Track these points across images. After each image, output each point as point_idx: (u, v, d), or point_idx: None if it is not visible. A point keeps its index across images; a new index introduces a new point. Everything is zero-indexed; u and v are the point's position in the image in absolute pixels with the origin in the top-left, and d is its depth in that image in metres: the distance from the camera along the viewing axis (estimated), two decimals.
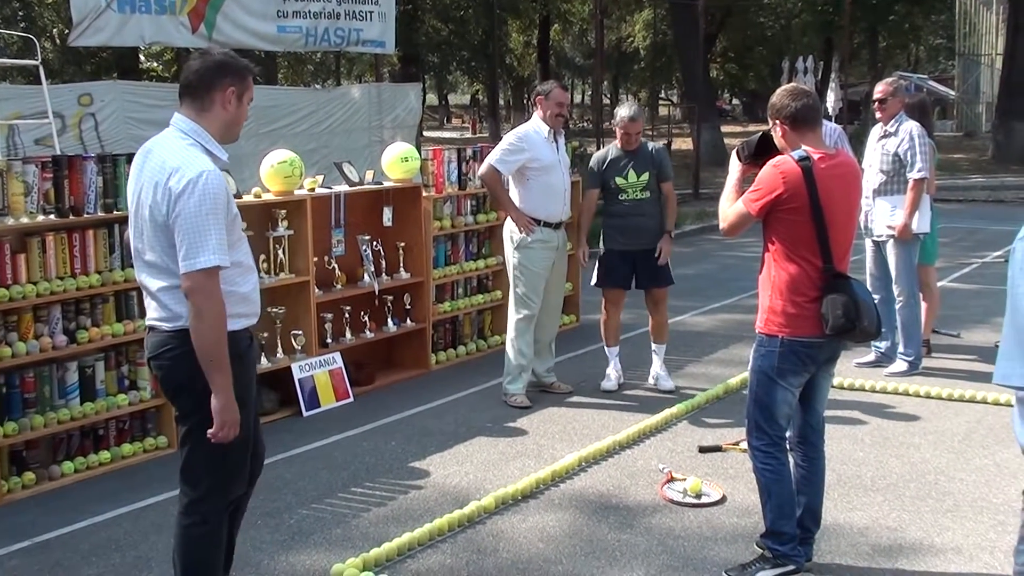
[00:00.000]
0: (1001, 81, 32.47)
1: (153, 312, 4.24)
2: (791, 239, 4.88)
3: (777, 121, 4.97)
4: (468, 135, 50.82)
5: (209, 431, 4.08)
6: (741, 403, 7.99)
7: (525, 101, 57.83)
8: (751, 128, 48.22)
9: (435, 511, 5.94)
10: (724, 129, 34.85)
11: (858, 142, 11.81)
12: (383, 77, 20.82)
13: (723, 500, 6.09)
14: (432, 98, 58.47)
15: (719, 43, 45.16)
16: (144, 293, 4.30)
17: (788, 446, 5.17)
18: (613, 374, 8.45)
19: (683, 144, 32.26)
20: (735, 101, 63.68)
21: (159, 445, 6.96)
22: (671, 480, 6.33)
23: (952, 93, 46.69)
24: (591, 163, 8.32)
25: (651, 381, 8.49)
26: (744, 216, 5.04)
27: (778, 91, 5.07)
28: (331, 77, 33.01)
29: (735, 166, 5.31)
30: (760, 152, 5.16)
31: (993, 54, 42.55)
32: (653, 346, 8.46)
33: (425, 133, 37.12)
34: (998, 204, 21.83)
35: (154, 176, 4.08)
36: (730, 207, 5.14)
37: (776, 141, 5.05)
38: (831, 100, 43.14)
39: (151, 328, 4.27)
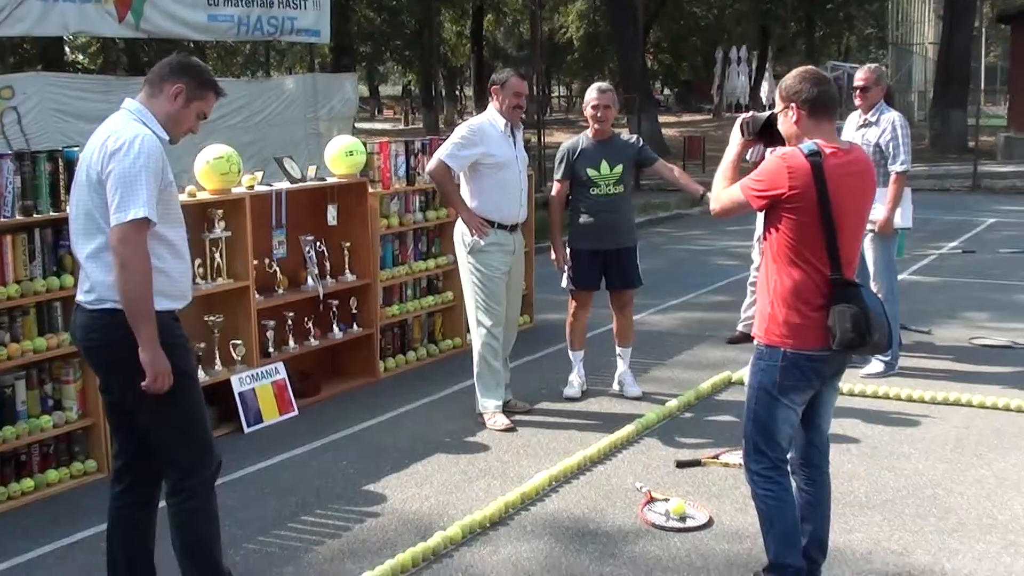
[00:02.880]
0: (938, 70, 32.61)
1: (80, 287, 4.36)
2: (795, 241, 4.38)
3: (793, 105, 4.46)
4: (401, 126, 50.11)
5: (142, 383, 4.15)
6: (715, 410, 7.62)
7: (458, 92, 57.41)
8: (685, 118, 48.14)
9: (396, 543, 5.39)
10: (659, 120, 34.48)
11: None
12: (314, 69, 20.12)
13: (710, 523, 5.60)
14: (363, 89, 57.59)
15: (653, 33, 44.86)
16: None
17: (790, 469, 4.68)
18: (576, 380, 7.93)
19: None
20: (667, 92, 63.49)
21: (88, 470, 6.33)
22: (651, 501, 5.83)
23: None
24: (560, 153, 7.77)
25: (615, 387, 7.99)
26: (740, 204, 4.55)
27: (793, 73, 4.56)
28: (260, 69, 32.17)
29: (735, 140, 4.81)
30: (764, 132, 4.68)
31: (925, 43, 42.73)
32: (618, 349, 7.96)
33: (357, 125, 36.48)
34: (943, 192, 21.62)
35: (95, 142, 4.23)
36: (725, 188, 4.65)
37: (783, 127, 4.55)
38: (764, 90, 43.22)
39: (78, 307, 4.37)
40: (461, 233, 7.26)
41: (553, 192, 7.77)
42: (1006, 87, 35.52)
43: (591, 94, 7.59)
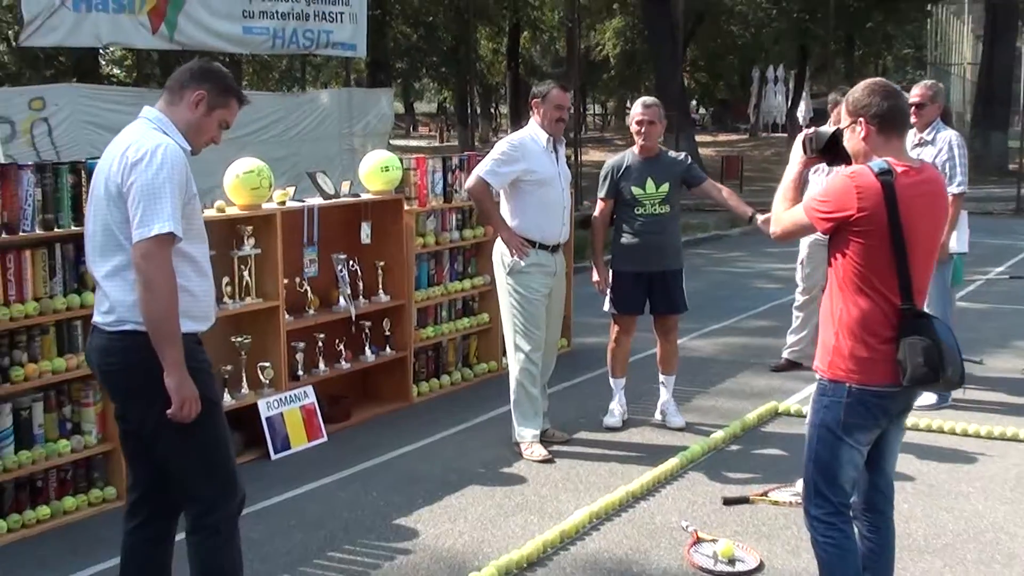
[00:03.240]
0: (978, 91, 32.20)
1: (97, 308, 4.08)
2: (863, 267, 4.05)
3: (861, 120, 4.14)
4: (436, 143, 49.97)
5: (168, 411, 3.88)
6: (761, 443, 7.27)
7: (493, 110, 57.28)
8: (721, 138, 47.71)
9: None
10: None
11: None
12: (350, 84, 19.94)
13: (761, 567, 5.26)
14: (398, 106, 57.52)
15: (689, 51, 44.54)
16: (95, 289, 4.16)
17: (852, 515, 4.34)
18: (617, 409, 7.61)
19: None
20: (703, 111, 63.10)
21: (107, 497, 6.07)
22: (698, 541, 5.50)
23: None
24: (604, 170, 7.46)
25: (658, 416, 7.66)
26: (804, 227, 4.24)
27: (861, 85, 4.23)
28: (296, 84, 32.04)
29: (797, 157, 4.50)
30: (828, 148, 4.37)
31: (964, 64, 42.26)
32: (661, 377, 7.62)
33: (391, 142, 36.35)
34: (986, 215, 21.16)
35: (114, 153, 3.98)
36: (787, 210, 4.34)
37: (849, 143, 4.23)
38: (802, 110, 42.79)
39: (94, 328, 4.10)
40: (500, 253, 6.95)
41: (596, 212, 7.46)
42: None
43: (636, 108, 7.29)
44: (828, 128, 4.45)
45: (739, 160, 28.10)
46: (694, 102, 56.88)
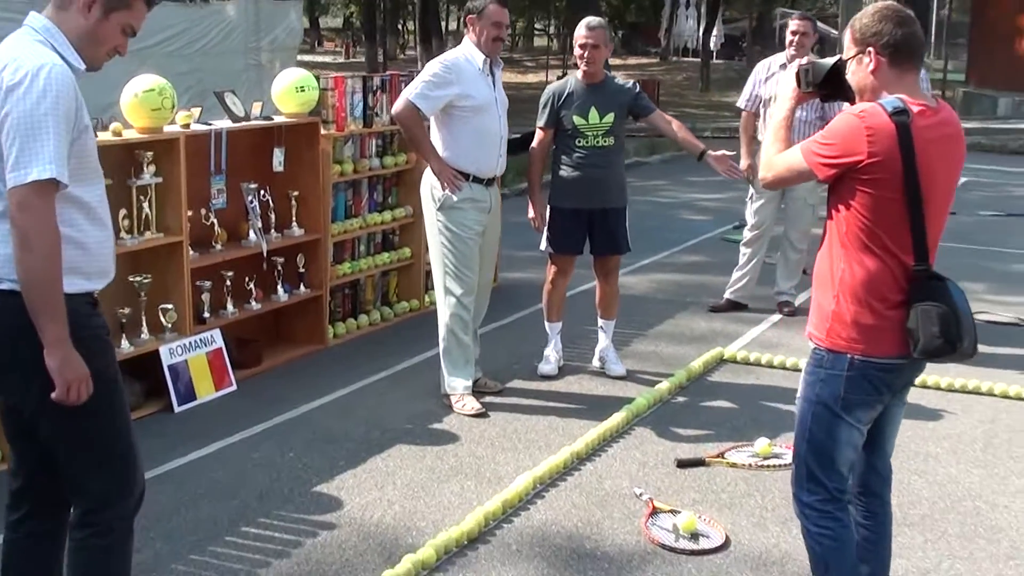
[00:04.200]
0: None
1: None
2: (871, 222, 3.49)
3: (871, 50, 3.54)
4: (341, 59, 48.66)
5: (52, 395, 3.17)
6: (710, 394, 6.74)
7: (401, 26, 55.90)
8: (631, 61, 47.08)
9: (356, 566, 4.48)
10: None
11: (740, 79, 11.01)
12: None
13: (727, 543, 4.75)
14: (303, 20, 55.84)
15: None
16: None
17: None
18: (553, 355, 7.03)
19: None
20: (613, 34, 62.39)
21: None
22: (654, 512, 4.97)
23: (834, 32, 46.10)
24: (544, 97, 6.79)
25: (596, 363, 7.12)
26: (801, 173, 3.66)
27: (869, 10, 3.63)
28: None
29: (788, 91, 3.90)
30: (826, 82, 3.79)
31: None
32: (600, 322, 7.07)
33: (298, 57, 35.10)
34: None
35: None
36: (779, 153, 3.74)
37: (854, 77, 3.65)
38: (715, 34, 42.38)
39: None
40: (430, 186, 6.29)
41: (535, 142, 6.82)
42: (966, 41, 34.85)
43: (579, 31, 6.64)
44: (827, 60, 3.84)
45: (655, 85, 27.51)
46: None
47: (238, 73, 14.61)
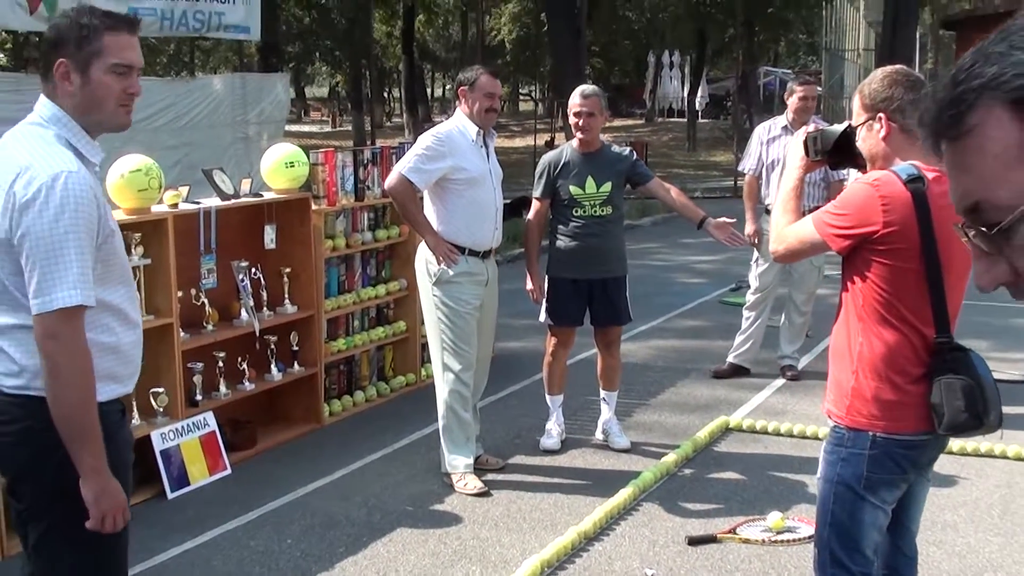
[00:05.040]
0: None
1: None
2: (889, 294, 3.36)
3: (882, 116, 3.43)
4: (328, 128, 48.77)
5: (87, 524, 2.98)
6: (717, 465, 6.58)
7: (386, 94, 56.18)
8: (617, 123, 47.26)
9: None
10: None
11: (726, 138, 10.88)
12: (241, 69, 18.88)
13: None
14: (290, 91, 56.07)
15: (586, 36, 43.98)
16: None
17: None
18: (555, 429, 6.87)
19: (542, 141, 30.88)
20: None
21: None
22: None
23: (819, 89, 46.46)
24: (540, 167, 6.69)
25: (599, 436, 6.95)
26: (815, 246, 3.52)
27: (878, 75, 3.52)
28: (185, 70, 30.73)
29: (796, 161, 3.77)
30: (836, 150, 3.66)
31: (858, 50, 42.33)
32: (603, 393, 6.91)
33: (284, 128, 35.17)
34: None
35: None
36: (790, 225, 3.61)
37: (865, 144, 3.53)
38: (699, 95, 42.60)
39: None
40: (425, 261, 6.16)
41: (531, 213, 6.70)
42: None
43: (574, 99, 6.53)
44: (836, 127, 3.72)
45: (643, 146, 27.49)
46: None
47: (226, 147, 14.53)
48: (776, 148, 8.08)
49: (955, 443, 6.58)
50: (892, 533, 3.65)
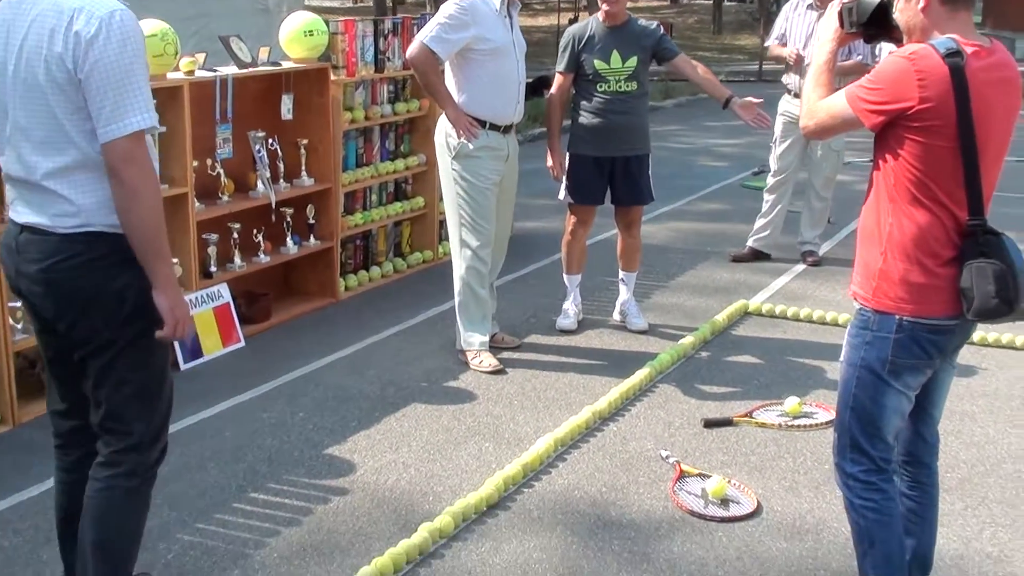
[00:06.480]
0: None
1: (36, 209, 3.23)
2: (922, 173, 3.23)
3: None
4: (350, 4, 48.07)
5: (159, 333, 3.25)
6: (734, 349, 6.51)
7: None
8: (641, 3, 46.44)
9: (370, 535, 4.27)
10: None
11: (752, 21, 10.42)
12: None
13: (759, 509, 4.53)
14: None
15: None
16: (11, 189, 3.31)
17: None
18: (572, 309, 6.80)
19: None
20: None
21: None
22: (682, 476, 4.76)
23: None
24: (564, 40, 6.50)
25: (617, 316, 6.89)
26: (846, 121, 3.36)
27: None
28: None
29: (830, 32, 3.59)
30: (872, 21, 3.50)
31: None
32: (621, 274, 6.83)
33: (304, 1, 34.54)
34: None
35: (46, 24, 3.10)
36: (821, 99, 3.44)
37: (902, 16, 3.37)
38: None
39: (30, 230, 3.24)
40: (445, 134, 6.03)
41: (554, 87, 6.54)
42: None
43: None
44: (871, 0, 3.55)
45: (668, 27, 26.99)
46: None
47: (245, 17, 14.23)
48: (800, 25, 7.86)
49: (976, 333, 6.50)
50: (914, 419, 3.57)
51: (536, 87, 6.63)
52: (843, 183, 8.69)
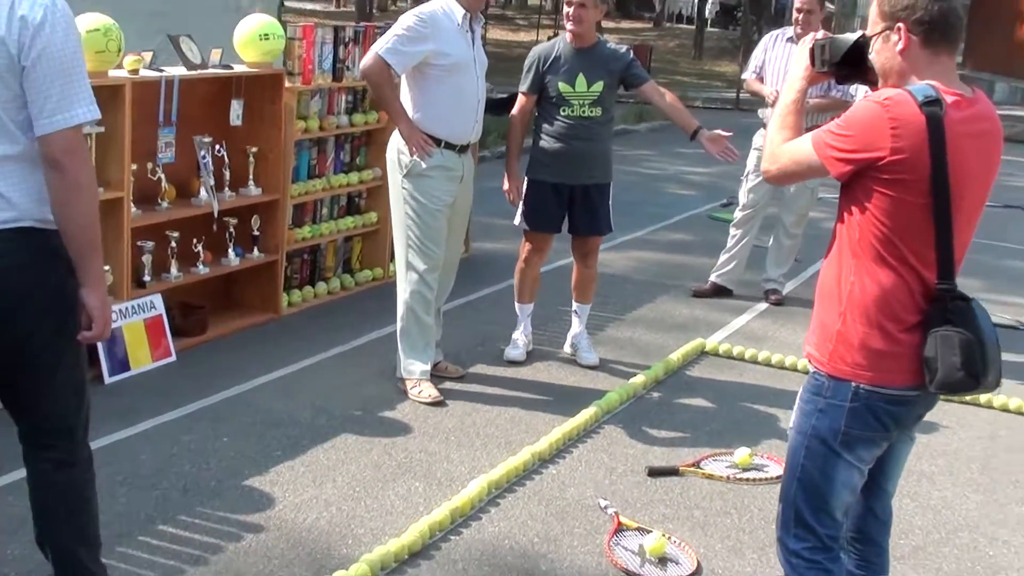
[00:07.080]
0: None
1: None
2: (889, 230, 2.98)
3: (901, 26, 3.00)
4: (332, 8, 47.77)
5: (84, 334, 3.24)
6: (687, 391, 6.24)
7: None
8: (624, 25, 46.37)
9: None
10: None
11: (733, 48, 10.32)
12: None
13: (698, 571, 4.27)
14: None
15: None
16: None
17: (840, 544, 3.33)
18: (521, 340, 6.53)
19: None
20: None
21: None
22: (619, 529, 4.49)
23: (829, 5, 45.54)
24: (529, 60, 6.23)
25: (567, 349, 6.63)
26: (811, 168, 3.11)
27: None
28: None
29: (800, 70, 3.32)
30: (845, 61, 3.24)
31: None
32: (575, 305, 6.56)
33: (285, 3, 34.19)
34: None
35: None
36: (785, 142, 3.18)
37: (879, 57, 3.11)
38: (710, 2, 41.62)
39: None
40: (398, 150, 5.75)
41: (515, 108, 6.27)
42: (965, 23, 34.27)
43: None
44: (848, 36, 3.29)
45: (648, 50, 26.84)
46: None
47: (215, 15, 13.90)
48: (779, 60, 7.64)
49: None
50: (866, 493, 3.32)
51: (510, 102, 6.40)
52: (814, 219, 8.47)
